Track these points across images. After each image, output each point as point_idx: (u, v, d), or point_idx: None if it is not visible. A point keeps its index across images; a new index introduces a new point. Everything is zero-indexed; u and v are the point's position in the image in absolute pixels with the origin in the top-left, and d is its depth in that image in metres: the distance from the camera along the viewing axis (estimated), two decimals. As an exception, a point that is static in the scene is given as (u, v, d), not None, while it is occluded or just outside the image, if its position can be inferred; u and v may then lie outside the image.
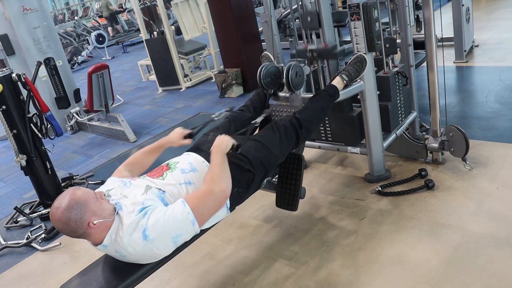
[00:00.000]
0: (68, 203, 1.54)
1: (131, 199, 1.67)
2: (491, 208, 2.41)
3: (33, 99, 3.21)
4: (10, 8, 5.02)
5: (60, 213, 1.53)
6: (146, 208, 1.61)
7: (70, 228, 1.55)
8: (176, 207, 1.63)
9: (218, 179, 1.73)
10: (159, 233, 1.58)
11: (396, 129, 2.93)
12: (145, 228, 1.57)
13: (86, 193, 1.59)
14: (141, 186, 1.74)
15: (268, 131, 2.17)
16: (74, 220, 1.53)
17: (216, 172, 1.76)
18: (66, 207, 1.53)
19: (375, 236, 2.38)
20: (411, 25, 2.89)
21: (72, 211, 1.53)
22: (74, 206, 1.54)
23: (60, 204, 1.54)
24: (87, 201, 1.57)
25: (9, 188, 4.23)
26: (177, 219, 1.61)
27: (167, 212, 1.61)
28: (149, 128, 5.14)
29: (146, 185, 1.74)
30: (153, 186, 1.75)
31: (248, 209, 2.86)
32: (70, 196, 1.55)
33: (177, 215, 1.61)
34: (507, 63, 4.54)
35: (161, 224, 1.58)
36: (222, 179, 1.74)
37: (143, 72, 7.71)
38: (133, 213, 1.60)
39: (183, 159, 1.97)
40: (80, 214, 1.54)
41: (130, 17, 13.42)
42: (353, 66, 2.53)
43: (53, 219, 1.55)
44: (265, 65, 2.51)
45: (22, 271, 2.84)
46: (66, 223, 1.53)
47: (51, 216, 1.56)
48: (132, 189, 1.73)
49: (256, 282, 2.25)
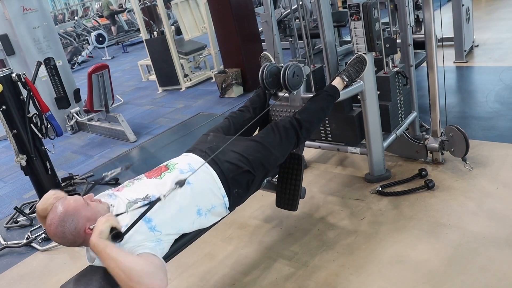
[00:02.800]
0: (58, 217, 1.53)
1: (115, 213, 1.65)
2: (491, 208, 2.41)
3: (33, 99, 3.21)
4: (10, 8, 5.02)
5: (54, 229, 1.53)
6: None
7: (68, 240, 1.55)
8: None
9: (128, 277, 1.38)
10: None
11: (396, 129, 2.93)
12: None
13: (74, 201, 1.58)
14: (124, 202, 1.67)
15: (268, 131, 2.16)
16: (69, 231, 1.53)
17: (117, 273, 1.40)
18: (58, 221, 1.53)
19: (375, 236, 2.38)
20: (411, 25, 2.89)
21: (65, 224, 1.52)
22: (65, 219, 1.53)
23: (51, 221, 1.53)
24: (76, 209, 1.56)
25: (9, 188, 4.23)
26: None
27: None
28: (149, 128, 5.14)
29: (128, 201, 1.67)
30: (134, 203, 1.66)
31: (248, 209, 2.86)
32: (60, 209, 1.54)
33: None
34: (507, 63, 4.54)
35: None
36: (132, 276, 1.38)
37: (143, 72, 7.71)
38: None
39: (181, 159, 1.96)
40: (73, 224, 1.53)
41: (130, 17, 13.41)
42: (353, 67, 2.53)
43: (50, 236, 1.56)
44: (267, 65, 2.51)
45: (22, 271, 2.84)
46: (63, 237, 1.54)
47: (47, 232, 1.56)
48: (117, 201, 1.70)
49: (256, 282, 2.25)
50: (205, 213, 1.82)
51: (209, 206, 1.83)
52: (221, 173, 1.88)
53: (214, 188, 1.85)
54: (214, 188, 1.85)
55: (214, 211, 1.86)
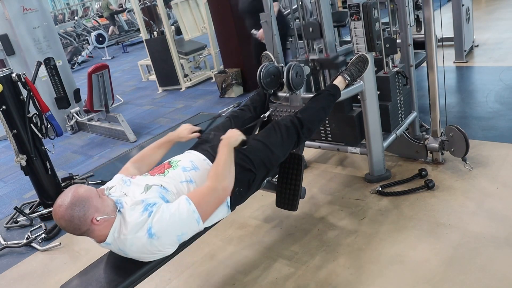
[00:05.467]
0: (70, 200, 1.54)
1: (131, 198, 1.67)
2: (491, 208, 2.41)
3: (33, 99, 3.21)
4: (10, 8, 5.02)
5: (63, 211, 1.53)
6: (150, 206, 1.61)
7: (73, 225, 1.55)
8: (181, 205, 1.63)
9: (222, 176, 1.73)
10: (165, 231, 1.59)
11: (396, 129, 2.93)
12: (150, 227, 1.57)
13: (89, 190, 1.60)
14: (141, 185, 1.74)
15: (269, 131, 2.17)
16: (77, 217, 1.54)
17: (220, 168, 1.75)
18: (69, 204, 1.53)
19: (375, 236, 2.38)
20: (411, 25, 2.89)
21: (75, 208, 1.53)
22: (77, 203, 1.54)
23: (63, 202, 1.54)
24: (89, 197, 1.57)
25: (9, 188, 4.23)
26: (182, 217, 1.62)
27: (172, 210, 1.62)
28: (149, 128, 5.14)
29: (146, 184, 1.74)
30: (152, 184, 1.75)
31: (248, 209, 2.86)
32: (73, 194, 1.56)
33: (182, 213, 1.62)
34: (507, 63, 4.54)
35: (166, 222, 1.59)
36: (226, 176, 1.74)
37: (143, 72, 7.71)
38: (135, 211, 1.61)
39: (184, 157, 1.97)
40: (83, 210, 1.54)
41: (130, 17, 13.41)
42: (355, 66, 2.52)
43: (56, 217, 1.56)
44: (265, 65, 2.51)
45: (22, 271, 2.84)
46: (70, 220, 1.54)
47: (54, 214, 1.56)
48: (132, 187, 1.74)
49: (256, 282, 2.25)
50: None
51: None
52: None
53: None
54: None
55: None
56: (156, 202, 1.64)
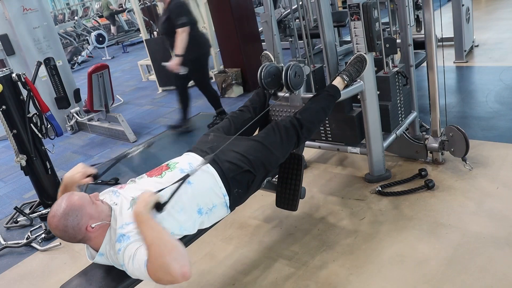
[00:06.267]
0: (63, 210, 1.54)
1: (118, 211, 1.66)
2: (491, 208, 2.41)
3: (33, 99, 3.21)
4: (10, 8, 5.01)
5: (56, 221, 1.53)
6: (120, 244, 1.55)
7: (68, 234, 1.55)
8: (140, 265, 1.49)
9: (166, 265, 1.37)
10: (132, 272, 1.54)
11: (396, 129, 2.93)
12: (122, 264, 1.55)
13: (81, 197, 1.59)
14: (127, 199, 1.70)
15: (268, 131, 2.16)
16: (71, 226, 1.54)
17: (158, 261, 1.39)
18: (62, 214, 1.53)
19: (375, 236, 2.38)
20: (411, 25, 2.89)
21: (68, 218, 1.53)
22: (69, 213, 1.54)
23: (55, 212, 1.54)
24: (82, 205, 1.57)
25: (9, 188, 4.22)
26: (137, 271, 1.52)
27: (131, 263, 1.51)
28: (149, 128, 5.14)
29: (132, 198, 1.70)
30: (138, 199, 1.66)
31: (248, 209, 2.86)
32: (65, 203, 1.55)
33: (137, 269, 1.51)
34: (507, 63, 4.54)
35: (130, 270, 1.53)
36: (169, 263, 1.37)
37: (143, 72, 7.71)
38: (115, 236, 1.58)
39: (182, 159, 1.97)
40: (76, 219, 1.54)
41: (130, 17, 13.41)
42: (354, 66, 2.53)
43: (51, 227, 1.56)
44: (266, 65, 2.51)
45: (22, 271, 2.84)
46: (64, 230, 1.54)
47: (49, 224, 1.56)
48: (121, 198, 1.72)
49: (256, 282, 2.25)
50: (206, 212, 1.83)
51: (210, 205, 1.84)
52: (221, 173, 1.89)
53: (215, 187, 1.86)
54: (215, 187, 1.86)
55: (215, 210, 1.87)
56: (126, 242, 1.54)
